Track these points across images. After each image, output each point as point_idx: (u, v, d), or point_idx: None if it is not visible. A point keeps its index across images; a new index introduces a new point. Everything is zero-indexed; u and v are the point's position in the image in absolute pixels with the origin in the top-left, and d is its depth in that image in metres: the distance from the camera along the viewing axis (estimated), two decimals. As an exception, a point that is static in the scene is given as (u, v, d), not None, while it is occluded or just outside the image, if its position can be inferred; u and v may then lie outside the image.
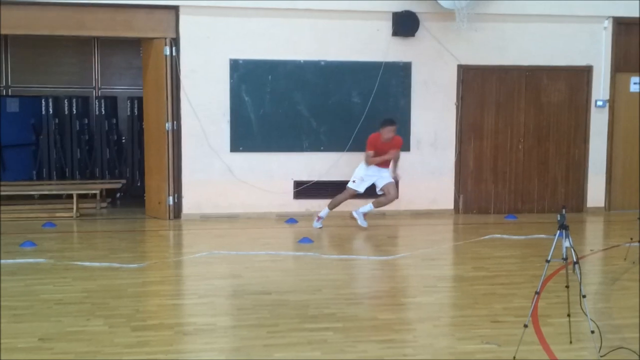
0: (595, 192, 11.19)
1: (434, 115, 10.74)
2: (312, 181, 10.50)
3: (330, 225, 9.70)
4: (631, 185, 11.17)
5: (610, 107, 11.13)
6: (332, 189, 10.36)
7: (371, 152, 9.42)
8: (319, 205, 10.31)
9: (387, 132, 9.42)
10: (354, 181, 9.60)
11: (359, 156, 9.86)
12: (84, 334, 5.19)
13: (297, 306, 5.93)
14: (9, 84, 13.57)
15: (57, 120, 12.54)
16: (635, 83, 11.24)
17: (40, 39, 12.29)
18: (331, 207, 9.72)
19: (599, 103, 11.07)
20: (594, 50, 11.00)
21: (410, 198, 10.65)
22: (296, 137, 10.52)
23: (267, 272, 7.32)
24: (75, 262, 7.44)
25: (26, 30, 10.13)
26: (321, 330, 5.27)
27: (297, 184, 10.55)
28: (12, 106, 12.64)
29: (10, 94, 13.45)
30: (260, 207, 10.43)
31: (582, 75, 11.07)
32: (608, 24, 10.97)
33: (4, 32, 9.92)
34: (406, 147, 10.59)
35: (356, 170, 9.67)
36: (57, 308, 5.84)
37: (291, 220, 10.17)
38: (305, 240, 8.64)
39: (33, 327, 5.32)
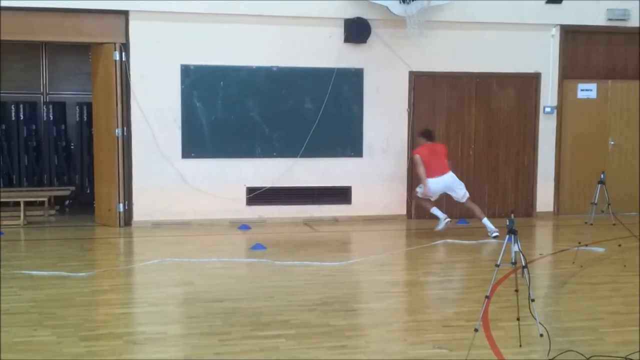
0: (544, 197, 11.39)
1: (386, 121, 10.80)
2: (264, 187, 10.46)
3: (283, 232, 9.68)
4: (579, 190, 11.37)
5: (558, 113, 11.34)
6: (285, 195, 10.36)
7: None
8: (272, 212, 10.32)
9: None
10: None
11: (313, 162, 9.87)
12: (31, 345, 5.09)
13: (250, 313, 5.90)
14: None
15: (3, 126, 12.27)
16: (582, 90, 11.48)
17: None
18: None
19: (547, 109, 11.27)
20: (542, 58, 11.19)
21: (362, 204, 10.70)
22: (249, 143, 10.48)
23: (220, 279, 7.27)
24: (22, 271, 7.29)
25: (-28, 35, 9.92)
26: (274, 338, 5.24)
27: (250, 190, 10.51)
28: (-43, 112, 12.33)
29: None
30: (212, 214, 10.35)
31: (530, 82, 11.26)
32: (556, 32, 11.17)
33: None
34: (359, 153, 10.66)
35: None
36: (3, 318, 5.68)
37: (244, 226, 10.12)
38: (258, 247, 8.61)
39: (-22, 338, 5.18)
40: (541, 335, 4.85)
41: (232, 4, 10.17)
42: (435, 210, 9.70)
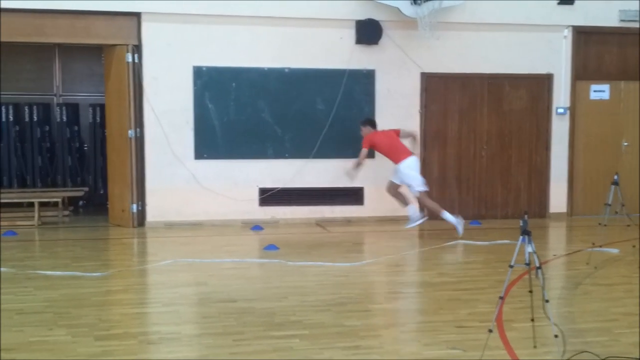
0: (558, 198, 11.35)
1: (397, 122, 10.76)
2: (277, 188, 10.48)
3: (296, 232, 9.69)
4: (592, 191, 11.32)
5: (571, 114, 11.30)
6: (297, 196, 10.37)
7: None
8: (284, 213, 10.34)
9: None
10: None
11: (325, 163, 9.89)
12: (47, 344, 5.11)
13: (263, 314, 5.91)
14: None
15: (17, 128, 12.35)
16: (595, 91, 11.44)
17: (1, 45, 12.08)
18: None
19: (560, 110, 11.24)
20: (554, 59, 11.17)
21: (375, 205, 10.69)
22: (261, 144, 10.50)
23: (233, 279, 7.29)
24: (37, 271, 7.34)
25: (-15, 37, 9.98)
26: (287, 338, 5.25)
27: (262, 191, 10.53)
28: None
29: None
30: (225, 215, 10.38)
31: (543, 83, 11.23)
32: (568, 33, 11.14)
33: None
34: (371, 153, 10.64)
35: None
36: (19, 318, 5.74)
37: (257, 227, 10.14)
38: (270, 247, 8.63)
39: (-6, 338, 5.22)
40: (556, 336, 4.84)
41: (243, 6, 10.19)
42: (412, 208, 9.78)
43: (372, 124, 9.94)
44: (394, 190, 9.85)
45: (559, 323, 5.14)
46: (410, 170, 9.57)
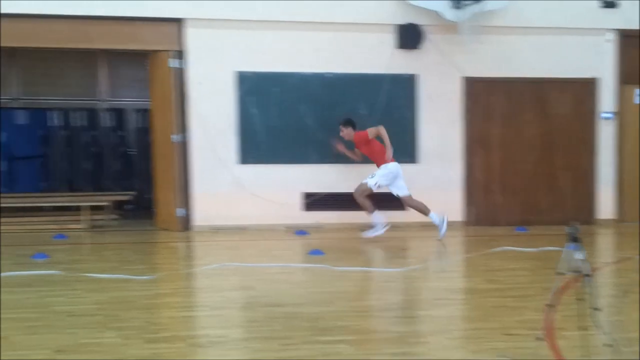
0: (605, 204, 11.20)
1: (440, 127, 10.78)
2: (322, 193, 10.51)
3: (341, 237, 9.71)
4: (642, 197, 11.15)
5: (617, 118, 11.14)
6: (341, 201, 10.38)
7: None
8: (328, 217, 10.37)
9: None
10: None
11: (368, 167, 9.89)
12: (98, 346, 5.18)
13: (310, 319, 5.92)
14: (18, 96, 13.63)
15: (65, 133, 12.59)
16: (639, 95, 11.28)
17: (49, 51, 12.37)
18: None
19: (606, 115, 11.09)
20: (599, 63, 11.03)
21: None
22: (304, 149, 10.55)
23: (279, 284, 7.32)
24: (87, 274, 7.46)
25: (34, 43, 10.25)
26: (335, 343, 5.25)
27: (306, 196, 10.57)
28: (21, 118, 12.71)
29: (19, 106, 13.51)
30: (269, 219, 10.46)
31: (587, 87, 11.10)
32: (612, 37, 10.99)
33: (12, 44, 10.01)
34: (413, 159, 10.64)
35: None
36: (70, 320, 5.84)
37: (301, 232, 10.18)
38: (316, 252, 8.65)
39: (47, 339, 5.31)
40: (608, 345, 4.77)
41: (284, 11, 10.29)
42: (377, 216, 9.69)
43: (354, 125, 9.87)
44: (365, 194, 9.77)
45: (608, 331, 5.06)
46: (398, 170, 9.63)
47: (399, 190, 9.71)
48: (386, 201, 10.60)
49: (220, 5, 10.20)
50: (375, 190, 9.62)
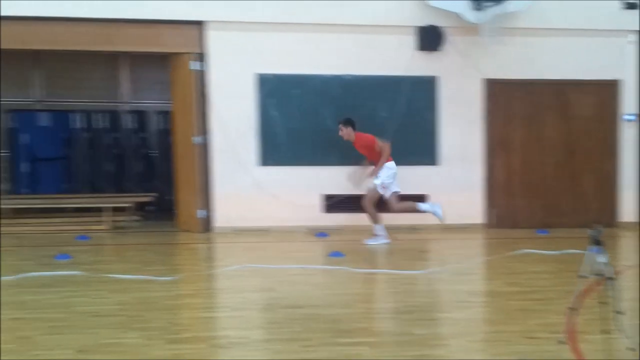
0: (628, 207, 11.10)
1: (460, 129, 10.74)
2: (342, 195, 10.51)
3: (361, 239, 9.71)
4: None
5: (639, 121, 11.04)
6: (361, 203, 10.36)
7: None
8: (349, 219, 10.36)
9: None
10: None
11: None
12: (121, 347, 5.22)
13: (330, 320, 5.93)
14: (42, 98, 13.77)
15: (87, 135, 12.69)
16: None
17: (71, 54, 12.47)
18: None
19: (628, 117, 11.00)
20: (621, 64, 10.94)
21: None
22: (324, 151, 10.56)
23: (299, 285, 7.33)
24: (110, 275, 7.52)
25: (57, 46, 10.35)
26: (355, 345, 5.25)
27: (327, 198, 10.58)
28: (44, 120, 12.84)
29: (42, 108, 13.64)
30: (290, 221, 10.47)
31: (609, 89, 11.01)
32: (634, 38, 10.90)
33: (35, 47, 10.12)
34: (433, 161, 10.60)
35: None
36: (93, 320, 5.89)
37: (321, 234, 10.19)
38: (336, 254, 8.66)
39: (70, 339, 5.36)
40: (632, 349, 4.73)
41: (305, 13, 10.32)
42: (380, 228, 9.66)
43: (354, 125, 9.80)
44: (374, 201, 9.71)
45: (631, 335, 5.02)
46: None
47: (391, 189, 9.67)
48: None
49: (240, 8, 10.24)
50: (381, 191, 9.57)
